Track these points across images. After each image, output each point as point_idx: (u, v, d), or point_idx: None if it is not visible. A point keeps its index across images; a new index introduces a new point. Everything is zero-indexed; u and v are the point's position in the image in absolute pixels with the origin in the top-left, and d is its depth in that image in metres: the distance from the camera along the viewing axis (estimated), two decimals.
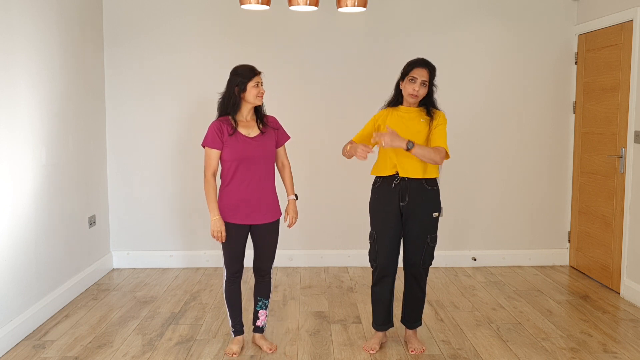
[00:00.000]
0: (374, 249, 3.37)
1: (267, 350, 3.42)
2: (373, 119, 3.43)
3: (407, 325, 3.51)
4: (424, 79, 3.24)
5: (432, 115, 3.30)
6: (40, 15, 3.91)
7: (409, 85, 3.26)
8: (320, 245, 5.30)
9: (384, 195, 3.32)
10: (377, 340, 3.48)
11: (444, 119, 3.32)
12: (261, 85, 3.22)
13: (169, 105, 5.12)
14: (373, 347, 3.44)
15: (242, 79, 3.17)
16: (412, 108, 3.33)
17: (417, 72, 3.25)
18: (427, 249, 3.33)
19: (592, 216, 4.92)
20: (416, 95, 3.25)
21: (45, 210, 3.98)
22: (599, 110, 4.79)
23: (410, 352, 3.43)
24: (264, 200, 3.24)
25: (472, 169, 5.25)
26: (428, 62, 3.29)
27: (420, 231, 3.32)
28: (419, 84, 3.24)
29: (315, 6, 3.94)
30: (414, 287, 3.42)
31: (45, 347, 3.52)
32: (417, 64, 3.27)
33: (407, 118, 3.31)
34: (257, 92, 3.18)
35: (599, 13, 4.77)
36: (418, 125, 3.29)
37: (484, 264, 5.32)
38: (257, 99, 3.19)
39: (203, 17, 5.07)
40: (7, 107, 3.51)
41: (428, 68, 3.27)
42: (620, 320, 3.96)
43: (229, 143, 3.17)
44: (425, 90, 3.27)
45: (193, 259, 5.26)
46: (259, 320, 3.45)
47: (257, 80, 3.18)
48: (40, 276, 3.92)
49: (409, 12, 5.12)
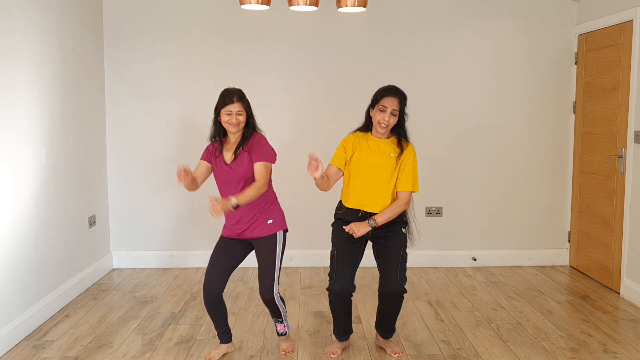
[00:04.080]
0: (334, 267, 3.29)
1: (280, 350, 3.45)
2: (342, 145, 3.33)
3: (383, 335, 3.48)
4: (394, 108, 3.17)
5: (402, 148, 3.24)
6: (40, 15, 3.91)
7: (379, 115, 3.19)
8: (320, 245, 5.28)
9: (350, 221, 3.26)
10: (340, 345, 3.47)
11: (412, 155, 3.25)
12: (236, 114, 3.09)
13: (169, 105, 5.12)
14: (335, 351, 3.42)
15: (217, 104, 3.15)
16: (381, 140, 3.26)
17: (388, 102, 3.18)
18: (401, 264, 3.24)
19: (592, 216, 4.92)
20: (386, 126, 3.20)
21: (45, 210, 3.98)
22: (599, 110, 4.79)
23: (394, 356, 3.40)
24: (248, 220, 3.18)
25: (472, 169, 5.25)
26: (399, 91, 3.23)
27: (394, 246, 3.24)
28: (389, 114, 3.17)
29: (315, 6, 3.94)
30: (392, 307, 3.32)
31: (45, 347, 3.52)
32: (387, 93, 3.21)
33: (377, 151, 3.24)
34: (227, 119, 3.10)
35: (599, 13, 4.77)
36: (386, 159, 3.23)
37: (484, 264, 5.32)
38: (229, 126, 3.12)
39: (203, 17, 5.07)
40: (7, 107, 3.51)
41: (399, 97, 3.20)
42: (620, 320, 3.96)
43: (214, 165, 3.22)
44: (396, 119, 3.20)
45: (193, 259, 5.26)
46: (277, 329, 3.44)
47: (229, 109, 3.09)
48: (40, 276, 3.92)
49: (409, 12, 5.12)
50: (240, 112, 3.11)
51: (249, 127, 3.19)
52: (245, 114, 3.14)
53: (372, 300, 4.34)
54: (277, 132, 4.63)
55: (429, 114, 5.14)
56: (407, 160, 3.24)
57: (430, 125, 5.15)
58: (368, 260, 3.46)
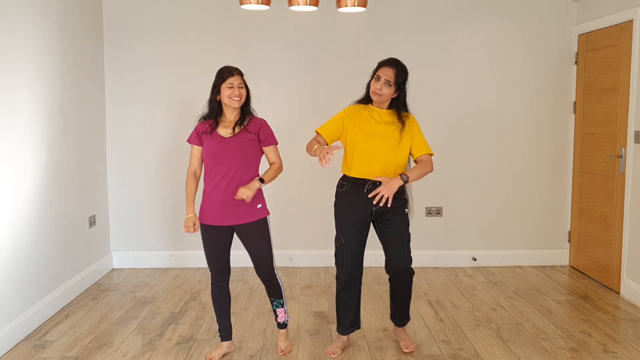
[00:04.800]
0: (341, 253, 3.30)
1: (278, 351, 3.44)
2: (341, 115, 3.32)
3: (396, 322, 3.51)
4: (387, 79, 3.16)
5: (403, 121, 3.24)
6: (40, 16, 3.91)
7: (373, 84, 3.22)
8: (320, 245, 5.30)
9: (353, 198, 3.25)
10: (340, 344, 3.46)
11: (416, 122, 3.29)
12: (237, 87, 3.13)
13: (169, 105, 5.13)
14: (335, 351, 3.41)
15: (217, 80, 3.16)
16: (383, 110, 3.26)
17: (383, 71, 3.19)
18: (406, 245, 3.27)
19: (592, 216, 4.92)
20: (378, 94, 3.18)
21: (45, 210, 3.98)
22: (599, 110, 4.79)
23: (405, 350, 3.43)
24: (239, 201, 3.15)
25: (472, 169, 5.25)
26: (396, 62, 3.22)
27: (399, 228, 3.26)
28: (382, 83, 3.17)
29: (315, 6, 3.94)
30: (402, 290, 3.37)
31: (45, 347, 3.52)
32: (384, 63, 3.23)
33: (379, 121, 3.25)
34: (229, 93, 3.12)
35: (599, 13, 4.77)
36: (389, 129, 3.23)
37: (484, 264, 5.32)
38: (230, 100, 3.13)
39: (203, 17, 5.07)
40: (7, 107, 3.51)
41: (395, 68, 3.19)
42: (620, 320, 3.96)
43: (205, 141, 3.19)
44: (390, 90, 3.19)
45: (193, 259, 5.26)
46: (278, 317, 3.43)
47: (231, 81, 3.12)
48: (40, 276, 3.92)
49: (409, 12, 5.12)
50: (241, 84, 3.16)
51: (247, 104, 3.23)
52: (245, 88, 3.19)
53: (372, 300, 4.34)
54: (276, 133, 4.60)
55: (429, 113, 5.12)
56: (413, 127, 3.26)
57: (430, 125, 5.12)
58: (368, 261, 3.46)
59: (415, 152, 3.27)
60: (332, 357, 3.38)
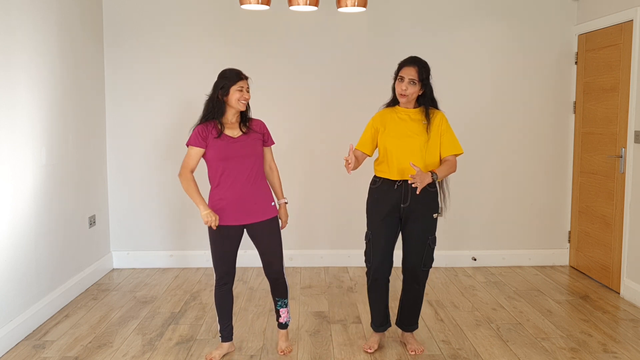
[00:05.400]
0: (369, 249, 3.35)
1: (278, 351, 3.44)
2: (371, 124, 3.38)
3: (404, 328, 3.50)
4: (411, 77, 3.18)
5: (429, 118, 3.25)
6: (40, 16, 3.91)
7: (398, 86, 3.24)
8: (320, 245, 5.30)
9: (384, 195, 3.30)
10: (376, 339, 3.49)
11: (445, 120, 3.29)
12: (246, 91, 3.18)
13: (169, 105, 5.13)
14: (372, 346, 3.45)
15: (226, 82, 3.15)
16: (410, 110, 3.29)
17: (405, 71, 3.21)
18: (427, 251, 3.31)
19: (592, 216, 4.92)
20: (404, 95, 3.21)
21: (45, 210, 3.98)
22: (599, 110, 4.79)
23: (410, 353, 3.43)
24: (254, 200, 3.20)
25: (472, 169, 5.25)
26: (416, 60, 3.23)
27: (422, 232, 3.29)
28: (407, 83, 3.19)
29: (315, 6, 3.94)
30: (413, 291, 3.39)
31: (45, 347, 3.52)
32: (405, 63, 3.24)
33: (407, 120, 3.27)
34: (239, 96, 3.14)
35: (599, 13, 4.77)
36: (418, 127, 3.25)
37: (484, 264, 5.32)
38: (239, 103, 3.16)
39: (203, 17, 5.07)
40: (7, 107, 3.51)
41: (416, 66, 3.20)
42: (620, 320, 3.96)
43: (214, 144, 3.17)
44: (415, 88, 3.21)
45: (193, 259, 5.26)
46: (280, 317, 3.44)
47: (241, 85, 3.15)
48: (40, 276, 3.92)
49: (409, 12, 5.12)
50: (248, 88, 3.21)
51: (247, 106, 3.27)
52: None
53: None
54: (276, 133, 4.60)
55: None
56: (442, 125, 3.26)
57: None
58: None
59: (443, 152, 3.28)
60: (368, 351, 3.42)
